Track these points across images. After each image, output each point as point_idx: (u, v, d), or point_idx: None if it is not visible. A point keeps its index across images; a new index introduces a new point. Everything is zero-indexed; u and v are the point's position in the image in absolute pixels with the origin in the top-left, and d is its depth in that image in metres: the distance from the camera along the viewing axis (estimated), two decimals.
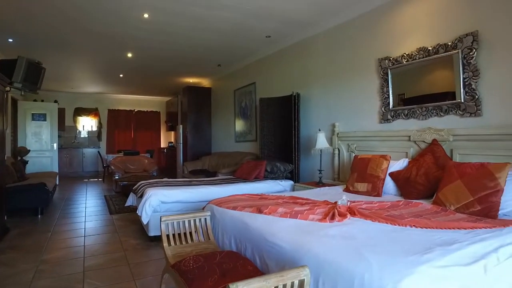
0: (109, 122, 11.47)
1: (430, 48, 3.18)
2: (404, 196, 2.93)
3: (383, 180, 3.11)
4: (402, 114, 3.50)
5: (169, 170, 9.84)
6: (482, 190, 2.23)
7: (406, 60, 3.42)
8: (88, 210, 5.39)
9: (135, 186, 4.35)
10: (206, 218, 2.42)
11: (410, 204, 2.52)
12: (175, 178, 7.14)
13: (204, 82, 8.98)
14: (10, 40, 5.11)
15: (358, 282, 1.28)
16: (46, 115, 8.05)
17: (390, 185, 3.13)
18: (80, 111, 11.03)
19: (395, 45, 3.57)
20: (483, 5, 2.80)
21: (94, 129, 11.33)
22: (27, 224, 4.46)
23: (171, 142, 11.27)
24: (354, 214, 2.13)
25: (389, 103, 3.63)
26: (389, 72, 3.61)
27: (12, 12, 4.05)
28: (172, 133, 11.83)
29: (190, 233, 2.34)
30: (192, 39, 5.23)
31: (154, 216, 3.60)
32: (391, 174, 3.15)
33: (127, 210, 5.10)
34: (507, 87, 2.64)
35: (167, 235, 2.25)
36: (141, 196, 3.90)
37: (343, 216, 2.06)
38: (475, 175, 2.33)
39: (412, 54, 3.35)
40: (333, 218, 2.02)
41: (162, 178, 5.44)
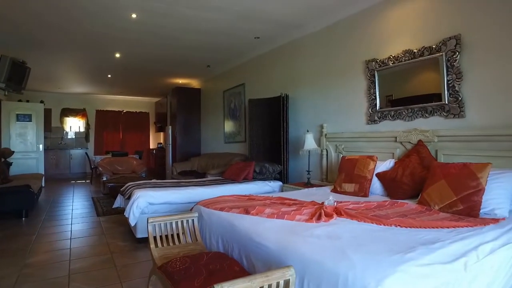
0: (97, 123, 11.32)
1: (416, 50, 3.24)
2: (390, 196, 2.97)
3: (370, 180, 3.15)
4: (389, 116, 3.55)
5: (158, 171, 9.77)
6: (464, 189, 2.28)
7: (392, 62, 3.48)
8: (75, 212, 5.31)
9: (123, 187, 4.31)
10: (193, 219, 2.41)
11: (396, 204, 2.55)
12: (164, 179, 7.09)
13: (193, 83, 8.95)
14: None
15: (342, 281, 1.30)
16: (31, 116, 7.89)
17: (377, 185, 3.17)
18: (67, 112, 10.86)
19: (382, 47, 3.63)
20: (465, 9, 2.86)
21: (82, 130, 11.17)
22: (11, 227, 4.36)
23: (160, 143, 11.20)
24: (340, 215, 2.15)
25: (376, 105, 3.68)
26: (376, 73, 3.66)
27: None
28: (161, 134, 11.75)
29: (178, 234, 2.33)
30: (180, 40, 5.21)
31: (142, 217, 3.57)
32: (378, 175, 3.19)
33: (115, 212, 5.04)
34: (488, 90, 2.71)
35: (154, 237, 2.24)
36: (128, 197, 3.86)
37: (330, 216, 2.08)
38: (458, 175, 2.38)
39: (398, 56, 3.41)
40: (319, 218, 2.04)
41: (150, 180, 5.40)
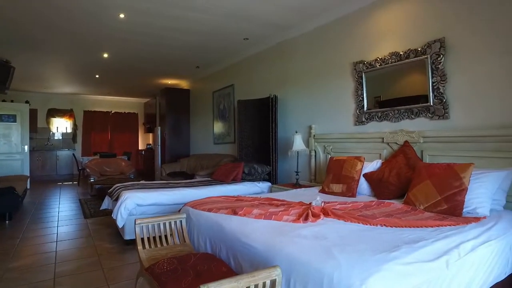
0: (84, 123, 11.15)
1: (402, 53, 3.29)
2: (377, 196, 3.01)
3: (358, 181, 3.19)
4: (376, 117, 3.60)
5: (147, 172, 9.68)
6: (448, 189, 2.33)
7: (379, 64, 3.53)
8: (61, 214, 5.23)
9: (111, 189, 4.26)
10: (181, 221, 2.40)
11: (382, 204, 2.59)
12: (153, 180, 7.03)
13: (182, 84, 8.90)
14: None
15: (327, 280, 1.31)
16: (16, 116, 7.74)
17: (364, 185, 3.21)
18: (53, 112, 10.67)
19: (369, 49, 3.68)
20: (449, 13, 2.93)
21: (69, 130, 10.99)
22: None
23: (149, 144, 11.11)
24: (327, 215, 2.17)
25: (363, 106, 3.73)
26: (363, 75, 3.71)
27: None
28: (150, 135, 11.66)
29: (166, 236, 2.32)
30: (169, 40, 5.18)
31: (129, 219, 3.54)
32: (365, 175, 3.23)
33: (103, 214, 4.99)
34: (471, 92, 2.77)
35: (142, 238, 2.22)
36: (116, 199, 3.82)
37: (317, 216, 2.10)
38: (442, 175, 2.43)
39: (385, 58, 3.46)
40: (306, 218, 2.06)
41: (139, 181, 5.35)
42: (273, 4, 3.86)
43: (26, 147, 7.85)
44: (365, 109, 3.72)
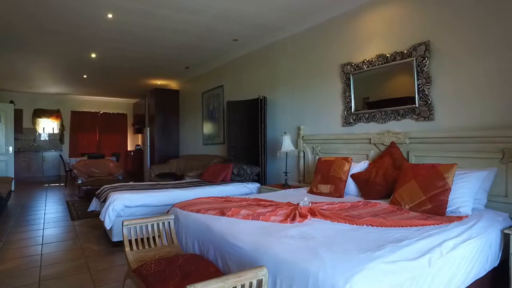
0: (72, 124, 10.98)
1: (388, 55, 3.35)
2: (364, 196, 3.05)
3: (345, 181, 3.23)
4: (363, 118, 3.65)
5: (136, 173, 9.59)
6: (433, 189, 2.39)
7: (366, 66, 3.58)
8: (47, 216, 5.14)
9: (99, 190, 4.22)
10: (169, 222, 2.40)
11: (369, 204, 2.63)
12: (142, 181, 6.98)
13: (172, 84, 8.86)
14: None
15: (312, 280, 1.33)
16: (0, 117, 7.59)
17: (351, 186, 3.26)
18: (40, 113, 10.47)
19: (357, 51, 3.73)
20: (434, 17, 3.00)
21: (56, 131, 10.81)
22: None
23: (139, 145, 11.00)
24: (315, 215, 2.20)
25: (351, 107, 3.78)
26: (351, 77, 3.75)
27: None
28: (139, 135, 11.55)
29: (154, 237, 2.31)
30: (158, 41, 5.15)
31: (117, 220, 3.51)
32: (353, 176, 3.27)
33: (90, 216, 4.93)
34: (454, 94, 2.84)
35: (130, 240, 2.21)
36: (104, 200, 3.79)
37: (304, 217, 2.12)
38: (427, 176, 2.48)
39: (372, 61, 3.51)
40: (294, 219, 2.08)
41: (128, 182, 5.31)
42: (261, 5, 3.88)
43: (11, 148, 7.70)
44: (352, 110, 3.76)
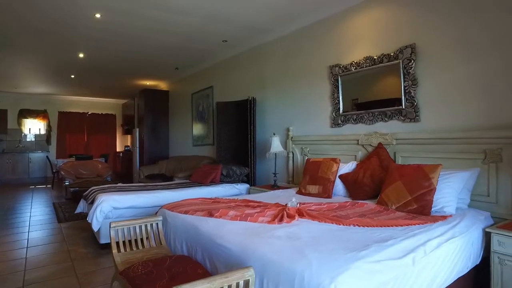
0: (59, 125, 10.80)
1: (376, 57, 3.40)
2: (352, 197, 3.09)
3: (333, 182, 3.26)
4: (351, 119, 3.69)
5: (125, 175, 9.50)
6: (418, 189, 2.43)
7: (354, 68, 3.62)
8: (33, 219, 5.04)
9: (86, 192, 4.16)
10: (157, 223, 2.39)
11: (357, 204, 2.66)
12: (131, 183, 6.91)
13: (161, 85, 8.80)
14: None
15: (298, 280, 1.35)
16: None
17: (339, 187, 3.29)
18: (25, 113, 10.27)
19: (345, 53, 3.77)
20: (420, 20, 3.05)
21: (43, 132, 10.62)
22: None
23: (128, 146, 10.90)
24: (302, 216, 2.22)
25: (339, 108, 3.81)
26: (339, 78, 3.79)
27: None
28: (128, 136, 11.44)
29: (142, 239, 2.30)
30: (147, 41, 5.12)
31: (105, 222, 3.47)
32: (341, 176, 3.31)
33: (78, 218, 4.86)
34: (439, 96, 2.90)
35: (117, 242, 2.20)
36: (92, 202, 3.75)
37: (292, 217, 2.13)
38: (413, 176, 2.53)
39: (360, 62, 3.56)
40: (281, 220, 2.09)
41: (116, 183, 5.25)
42: (250, 7, 3.89)
43: None
44: (341, 111, 3.80)
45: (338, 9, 3.82)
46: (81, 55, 5.87)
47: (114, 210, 3.60)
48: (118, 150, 11.66)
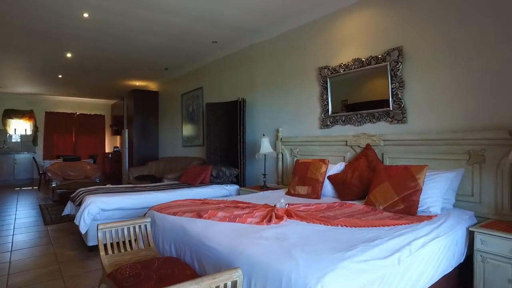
0: (46, 125, 10.61)
1: (364, 59, 3.44)
2: (340, 197, 3.12)
3: (322, 183, 3.28)
4: (340, 120, 3.73)
5: (114, 176, 9.38)
6: (405, 190, 2.47)
7: (343, 69, 3.66)
8: (18, 221, 4.94)
9: (74, 193, 4.10)
10: (146, 225, 2.37)
11: (345, 205, 2.69)
12: (120, 184, 6.84)
13: (151, 86, 8.74)
14: None
15: (285, 280, 1.35)
16: None
17: (328, 187, 3.31)
18: (10, 113, 10.05)
19: (334, 55, 3.81)
20: (407, 24, 3.10)
21: (29, 133, 10.42)
22: None
23: (117, 147, 10.77)
24: (291, 216, 2.23)
25: (328, 110, 3.85)
26: (328, 80, 3.83)
27: None
28: (117, 137, 11.32)
29: (130, 241, 2.28)
30: (137, 41, 5.08)
31: (93, 224, 3.42)
32: (330, 177, 3.33)
33: (65, 220, 4.78)
34: (425, 98, 2.95)
35: (105, 244, 2.18)
36: (79, 204, 3.69)
37: (280, 218, 2.15)
38: (400, 177, 2.57)
39: (348, 64, 3.60)
40: (270, 220, 2.10)
41: (105, 185, 5.19)
42: (239, 8, 3.90)
43: None
44: (330, 113, 3.83)
45: (327, 11, 3.85)
46: (68, 55, 5.79)
47: (102, 212, 3.56)
48: (107, 151, 11.51)
